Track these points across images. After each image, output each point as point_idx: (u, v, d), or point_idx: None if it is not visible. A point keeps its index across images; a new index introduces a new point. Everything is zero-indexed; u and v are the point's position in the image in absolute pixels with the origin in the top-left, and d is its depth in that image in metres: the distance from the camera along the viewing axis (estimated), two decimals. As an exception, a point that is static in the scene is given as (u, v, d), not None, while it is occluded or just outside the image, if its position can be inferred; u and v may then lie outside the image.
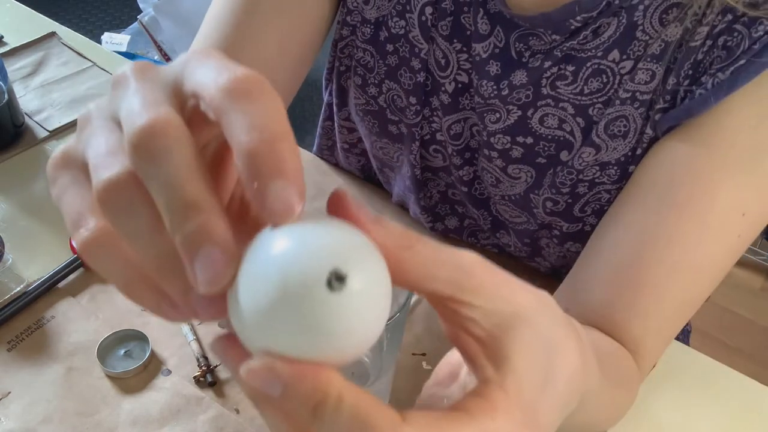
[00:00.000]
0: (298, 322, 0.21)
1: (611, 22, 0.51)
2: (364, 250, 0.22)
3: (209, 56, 0.24)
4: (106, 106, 0.26)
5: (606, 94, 0.53)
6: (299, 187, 0.21)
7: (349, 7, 0.62)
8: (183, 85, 0.24)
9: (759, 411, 0.59)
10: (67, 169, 0.26)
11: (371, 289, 0.22)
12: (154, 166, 0.22)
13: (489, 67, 0.56)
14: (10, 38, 0.97)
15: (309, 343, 0.21)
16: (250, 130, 0.21)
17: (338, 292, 0.21)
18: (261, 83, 0.22)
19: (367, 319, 0.22)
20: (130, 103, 0.23)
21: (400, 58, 0.61)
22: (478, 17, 0.55)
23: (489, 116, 0.58)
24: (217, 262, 0.21)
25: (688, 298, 0.51)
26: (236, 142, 0.21)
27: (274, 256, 0.21)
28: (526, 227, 0.65)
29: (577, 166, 0.56)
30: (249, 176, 0.21)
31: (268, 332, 0.21)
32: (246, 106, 0.22)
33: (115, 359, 0.58)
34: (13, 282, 0.63)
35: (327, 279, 0.21)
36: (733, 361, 0.75)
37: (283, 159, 0.21)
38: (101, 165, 0.23)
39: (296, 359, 0.21)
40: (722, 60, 0.47)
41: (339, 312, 0.21)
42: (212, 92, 0.22)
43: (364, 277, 0.22)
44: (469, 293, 0.25)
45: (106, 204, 0.23)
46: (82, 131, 0.26)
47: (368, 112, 0.66)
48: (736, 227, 0.49)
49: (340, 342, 0.21)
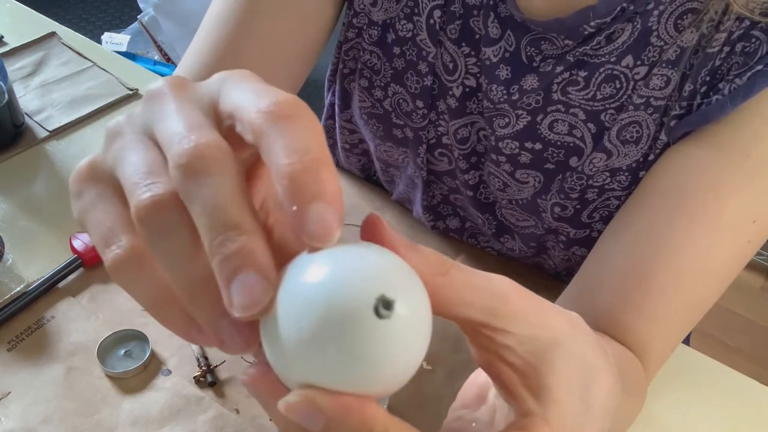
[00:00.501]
0: (343, 350, 0.20)
1: (625, 27, 0.50)
2: (407, 276, 0.22)
3: (247, 78, 0.24)
4: (138, 119, 0.25)
5: (619, 100, 0.53)
6: (339, 210, 0.21)
7: (356, 9, 0.61)
8: (219, 105, 0.24)
9: (759, 411, 0.59)
10: (95, 183, 0.25)
11: (416, 315, 0.22)
12: (199, 188, 0.21)
13: (499, 71, 0.56)
14: (10, 38, 0.97)
15: (353, 373, 0.20)
16: (290, 153, 0.21)
17: (386, 319, 0.20)
18: (301, 107, 0.22)
19: (412, 347, 0.21)
20: (173, 123, 0.23)
21: (406, 61, 0.61)
22: (489, 21, 0.55)
23: (498, 121, 0.58)
24: (256, 286, 0.21)
25: (695, 303, 0.51)
26: (276, 164, 0.21)
27: (316, 282, 0.21)
28: (533, 231, 0.64)
29: (588, 171, 0.56)
30: (288, 199, 0.21)
31: (308, 362, 0.21)
32: (286, 130, 0.22)
33: (115, 359, 0.58)
34: (13, 282, 0.63)
35: (374, 306, 0.20)
36: (733, 361, 0.75)
37: (323, 182, 0.21)
38: (142, 183, 0.23)
39: (338, 391, 0.21)
40: (740, 66, 0.47)
41: (386, 340, 0.20)
42: (252, 115, 0.22)
43: (410, 303, 0.21)
44: (503, 320, 0.24)
45: (147, 224, 0.22)
46: (111, 143, 0.25)
47: (373, 115, 0.66)
48: (746, 234, 0.49)
49: (385, 372, 0.21)
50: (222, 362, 0.58)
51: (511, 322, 0.24)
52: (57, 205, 0.73)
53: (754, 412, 0.59)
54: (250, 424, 0.54)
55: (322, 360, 0.20)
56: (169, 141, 0.23)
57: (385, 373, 0.21)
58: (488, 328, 0.25)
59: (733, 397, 0.60)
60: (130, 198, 0.23)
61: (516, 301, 0.25)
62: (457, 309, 0.24)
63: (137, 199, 0.22)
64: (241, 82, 0.24)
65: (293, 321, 0.21)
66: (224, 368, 0.57)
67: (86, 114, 0.84)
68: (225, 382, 0.57)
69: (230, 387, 0.56)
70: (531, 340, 0.25)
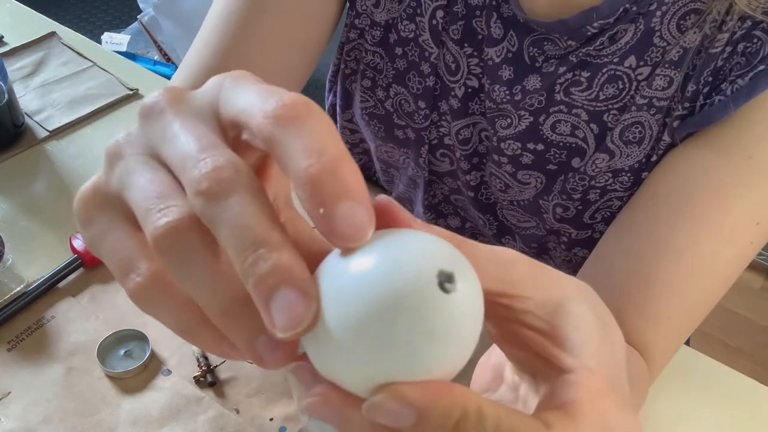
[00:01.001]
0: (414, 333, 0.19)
1: (628, 28, 0.50)
2: (451, 250, 0.21)
3: (244, 79, 0.23)
4: (139, 139, 0.24)
5: (622, 101, 0.53)
6: (368, 207, 0.20)
7: (358, 10, 0.61)
8: (221, 113, 0.23)
9: (759, 411, 0.59)
10: (103, 210, 0.24)
11: (474, 287, 0.21)
12: (224, 211, 0.20)
13: (502, 72, 0.56)
14: (10, 38, 0.97)
15: (426, 356, 0.20)
16: (307, 155, 0.20)
17: (452, 293, 0.20)
18: (308, 105, 0.21)
19: (476, 320, 0.21)
20: (182, 144, 0.22)
21: (408, 62, 0.61)
22: (492, 21, 0.55)
23: (500, 121, 0.58)
24: (297, 303, 0.20)
25: (698, 304, 0.51)
26: (295, 169, 0.20)
27: (366, 272, 0.20)
28: (534, 232, 0.64)
29: (590, 172, 0.56)
30: (313, 203, 0.20)
31: (375, 358, 0.20)
32: (298, 132, 0.21)
33: (115, 359, 0.58)
34: (13, 282, 0.63)
35: (438, 281, 0.20)
36: (733, 361, 0.75)
37: (346, 180, 0.20)
38: (155, 209, 0.22)
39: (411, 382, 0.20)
40: (742, 66, 0.47)
41: (454, 314, 0.20)
42: (259, 121, 0.21)
43: (466, 275, 0.21)
44: (519, 286, 0.24)
45: (167, 251, 0.21)
46: (114, 167, 0.24)
47: (374, 115, 0.66)
48: (749, 236, 0.49)
49: (455, 349, 0.20)
50: (222, 362, 0.58)
51: (527, 287, 0.24)
52: (57, 205, 0.73)
53: (754, 412, 0.59)
54: (250, 424, 0.54)
55: (391, 351, 0.19)
56: (181, 165, 0.22)
57: (456, 351, 0.20)
58: (505, 296, 0.24)
59: (733, 397, 0.60)
60: (145, 225, 0.22)
61: (525, 266, 0.25)
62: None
63: (153, 226, 0.21)
64: (239, 85, 0.23)
65: (347, 320, 0.20)
66: (224, 368, 0.57)
67: (86, 114, 0.84)
68: (225, 382, 0.57)
69: (230, 387, 0.56)
70: (548, 302, 0.25)
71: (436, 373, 0.20)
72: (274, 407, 0.55)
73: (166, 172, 0.23)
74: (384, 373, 0.20)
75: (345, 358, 0.20)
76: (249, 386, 0.56)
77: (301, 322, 0.20)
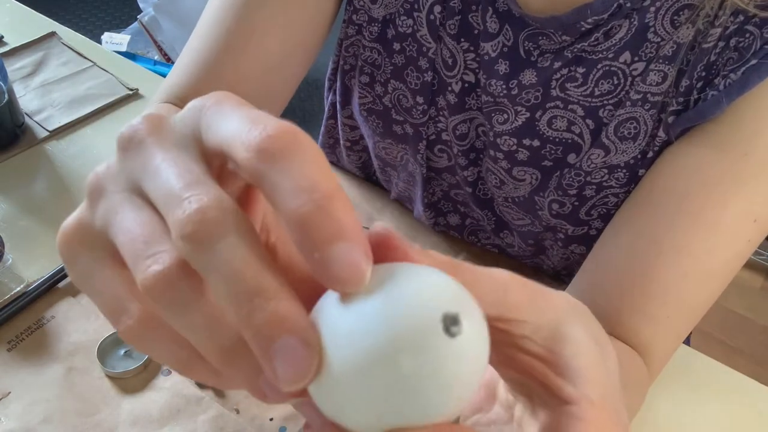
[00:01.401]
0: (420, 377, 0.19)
1: (623, 24, 0.51)
2: (455, 288, 0.21)
3: (226, 104, 0.22)
4: (119, 173, 0.23)
5: (617, 96, 0.53)
6: (364, 246, 0.19)
7: (355, 6, 0.62)
8: (204, 142, 0.22)
9: (759, 411, 0.59)
10: (87, 248, 0.24)
11: (480, 326, 0.21)
12: (212, 256, 0.19)
13: (498, 66, 0.56)
14: (10, 38, 0.97)
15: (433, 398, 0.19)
16: (297, 193, 0.19)
17: (457, 336, 0.19)
18: (295, 135, 0.20)
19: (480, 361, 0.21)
20: (165, 180, 0.21)
21: (406, 57, 0.61)
22: (487, 16, 0.55)
23: (497, 116, 0.58)
24: (300, 354, 0.19)
25: (697, 303, 0.51)
26: (284, 209, 0.19)
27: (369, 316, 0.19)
28: (530, 229, 0.65)
29: (586, 168, 0.56)
30: (306, 246, 0.19)
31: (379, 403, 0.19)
32: (286, 167, 0.19)
33: (115, 359, 0.58)
34: (13, 282, 0.63)
35: (443, 325, 0.19)
36: (733, 361, 0.75)
37: (340, 219, 0.19)
38: (143, 255, 0.21)
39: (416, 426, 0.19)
40: (734, 61, 0.47)
41: (460, 357, 0.19)
42: (245, 155, 0.20)
43: (472, 315, 0.20)
44: (515, 310, 0.24)
45: (159, 299, 0.20)
46: (96, 203, 0.23)
47: (373, 111, 0.66)
48: (747, 233, 0.49)
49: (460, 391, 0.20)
50: (222, 362, 0.58)
51: (522, 310, 0.24)
52: (57, 205, 0.73)
53: (754, 412, 0.59)
54: (250, 424, 0.54)
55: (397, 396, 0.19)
56: (165, 204, 0.21)
57: (463, 391, 0.20)
58: (502, 321, 0.24)
59: (733, 397, 0.60)
60: (134, 272, 0.21)
61: (519, 290, 0.24)
62: None
63: (143, 275, 0.20)
64: (221, 111, 0.22)
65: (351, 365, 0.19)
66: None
67: (86, 114, 0.84)
68: (225, 382, 0.57)
69: (230, 387, 0.56)
70: (544, 325, 0.25)
71: (444, 412, 0.20)
72: (274, 407, 0.55)
73: (150, 211, 0.22)
74: (391, 416, 0.19)
75: (350, 402, 0.20)
76: (249, 386, 0.56)
77: (305, 374, 0.19)
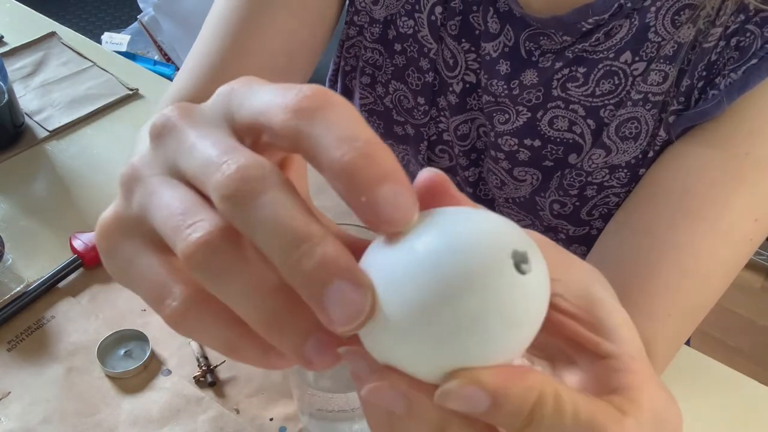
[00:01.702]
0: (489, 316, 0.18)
1: (623, 24, 0.51)
2: (521, 230, 0.20)
3: (254, 83, 0.22)
4: (154, 159, 0.23)
5: (618, 96, 0.53)
6: (409, 187, 0.20)
7: (357, 7, 0.62)
8: (235, 121, 0.22)
9: (759, 411, 0.59)
10: (127, 238, 0.23)
11: (544, 269, 0.20)
12: (256, 212, 0.19)
13: (499, 66, 0.56)
14: (10, 38, 0.97)
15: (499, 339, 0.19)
16: (339, 143, 0.19)
17: (527, 273, 0.19)
18: (329, 94, 0.21)
19: (545, 302, 0.20)
20: (201, 153, 0.21)
21: (407, 58, 0.61)
22: (488, 16, 0.55)
23: (498, 116, 0.58)
24: (353, 295, 0.19)
25: (698, 303, 0.51)
26: (328, 162, 0.19)
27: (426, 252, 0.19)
28: (531, 230, 0.64)
29: (587, 168, 0.56)
30: (353, 192, 0.19)
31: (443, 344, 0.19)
32: (325, 121, 0.20)
33: (115, 359, 0.58)
34: (13, 282, 0.63)
35: (513, 261, 0.19)
36: (733, 361, 0.75)
37: (384, 163, 0.19)
38: (183, 226, 0.21)
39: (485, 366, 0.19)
40: (735, 61, 0.47)
41: (527, 295, 0.19)
42: (282, 117, 0.20)
43: (538, 256, 0.20)
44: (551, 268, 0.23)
45: (201, 268, 0.20)
46: (132, 191, 0.23)
47: (374, 112, 0.66)
48: (748, 233, 0.49)
49: (525, 331, 0.19)
50: (222, 362, 0.58)
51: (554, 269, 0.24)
52: (57, 205, 0.73)
53: (754, 412, 0.59)
54: (250, 424, 0.54)
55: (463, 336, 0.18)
56: (204, 173, 0.21)
57: (527, 333, 0.20)
58: None
59: (733, 397, 0.60)
60: (175, 244, 0.21)
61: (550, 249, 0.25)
62: None
63: (183, 244, 0.20)
64: (251, 89, 0.22)
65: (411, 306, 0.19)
66: (224, 368, 0.57)
67: (86, 114, 0.84)
68: (225, 382, 0.57)
69: (230, 387, 0.56)
70: (574, 283, 0.25)
71: (508, 356, 0.20)
72: (274, 407, 0.55)
73: (187, 187, 0.22)
74: (454, 359, 0.19)
75: (411, 345, 0.19)
76: (249, 386, 0.56)
77: (361, 312, 0.19)
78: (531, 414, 0.19)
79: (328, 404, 0.47)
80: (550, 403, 0.19)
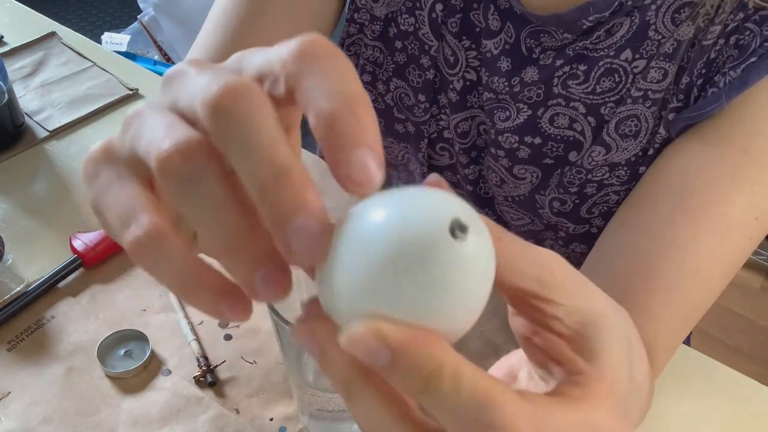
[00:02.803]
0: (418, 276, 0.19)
1: (624, 21, 0.51)
2: (473, 211, 0.21)
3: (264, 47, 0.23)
4: (158, 101, 0.24)
5: (618, 93, 0.53)
6: (380, 154, 0.21)
7: (357, 5, 0.62)
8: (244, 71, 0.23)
9: (759, 411, 0.59)
10: (110, 164, 0.24)
11: (487, 246, 0.21)
12: (238, 127, 0.20)
13: (500, 63, 0.56)
14: (10, 38, 0.97)
15: (425, 302, 0.19)
16: (330, 94, 0.20)
17: (462, 241, 0.20)
18: (331, 45, 0.22)
19: (483, 279, 0.21)
20: (200, 80, 0.22)
21: (408, 55, 0.61)
22: (489, 13, 0.55)
23: (499, 114, 0.58)
24: (315, 232, 0.20)
25: (699, 301, 0.51)
26: (316, 107, 0.20)
27: (382, 215, 0.20)
28: (531, 228, 0.65)
29: (587, 166, 0.56)
30: (330, 143, 0.20)
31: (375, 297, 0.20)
32: (323, 69, 0.21)
33: (115, 359, 0.58)
34: (13, 282, 0.63)
35: (450, 227, 0.20)
36: (733, 360, 0.75)
37: (365, 125, 0.21)
38: (160, 137, 0.21)
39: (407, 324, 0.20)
40: (734, 59, 0.48)
41: (460, 264, 0.20)
42: (284, 59, 0.21)
43: (480, 230, 0.21)
44: (554, 291, 0.24)
45: (172, 175, 0.21)
46: (130, 125, 0.23)
47: (374, 109, 0.66)
48: (748, 231, 0.49)
49: (456, 303, 0.20)
50: (222, 362, 0.58)
51: (562, 294, 0.24)
52: (57, 205, 0.73)
53: (754, 412, 0.59)
54: (250, 424, 0.54)
55: (392, 291, 0.19)
56: (195, 93, 0.21)
57: (458, 306, 0.20)
58: (538, 298, 0.24)
59: (733, 397, 0.60)
60: (150, 155, 0.21)
61: (564, 274, 0.25)
62: (510, 276, 0.24)
63: (157, 150, 0.21)
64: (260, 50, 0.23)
65: (357, 260, 0.20)
66: (224, 368, 0.57)
67: (86, 114, 0.84)
68: (225, 382, 0.57)
69: (230, 387, 0.56)
70: (578, 312, 0.25)
71: (435, 324, 0.20)
72: (274, 407, 0.55)
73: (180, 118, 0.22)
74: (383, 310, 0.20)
75: (348, 298, 0.20)
76: (249, 386, 0.56)
77: (319, 250, 0.20)
78: (426, 381, 0.19)
79: (328, 404, 0.47)
80: (447, 374, 0.19)
